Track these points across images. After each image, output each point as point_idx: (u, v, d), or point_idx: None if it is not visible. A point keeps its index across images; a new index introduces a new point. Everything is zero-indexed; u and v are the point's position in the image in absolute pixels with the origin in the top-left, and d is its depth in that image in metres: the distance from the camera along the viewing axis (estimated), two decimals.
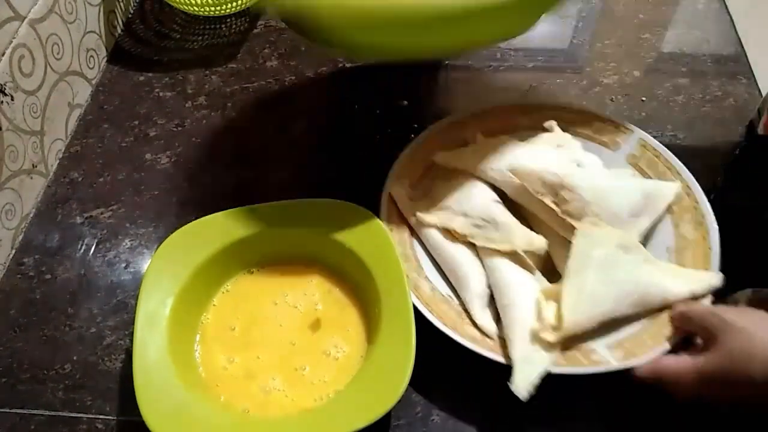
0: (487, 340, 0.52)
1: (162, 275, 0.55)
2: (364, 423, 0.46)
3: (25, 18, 0.65)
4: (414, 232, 0.60)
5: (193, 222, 0.58)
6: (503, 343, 0.52)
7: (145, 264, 0.63)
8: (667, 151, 0.62)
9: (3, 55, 0.62)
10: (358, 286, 0.56)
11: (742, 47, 0.79)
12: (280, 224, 0.58)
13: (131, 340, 0.52)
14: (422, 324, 0.52)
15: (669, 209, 0.58)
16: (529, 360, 0.49)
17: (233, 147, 0.72)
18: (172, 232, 0.58)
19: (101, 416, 0.54)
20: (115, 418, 0.54)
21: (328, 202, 0.58)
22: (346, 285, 0.57)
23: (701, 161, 0.63)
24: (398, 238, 0.58)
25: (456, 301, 0.56)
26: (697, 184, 0.59)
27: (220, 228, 0.58)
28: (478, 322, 0.53)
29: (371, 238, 0.56)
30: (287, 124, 0.73)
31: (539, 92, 0.76)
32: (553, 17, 0.86)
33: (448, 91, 0.77)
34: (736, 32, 0.81)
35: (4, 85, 0.62)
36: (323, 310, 0.56)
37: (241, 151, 0.72)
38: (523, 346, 0.50)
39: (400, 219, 0.60)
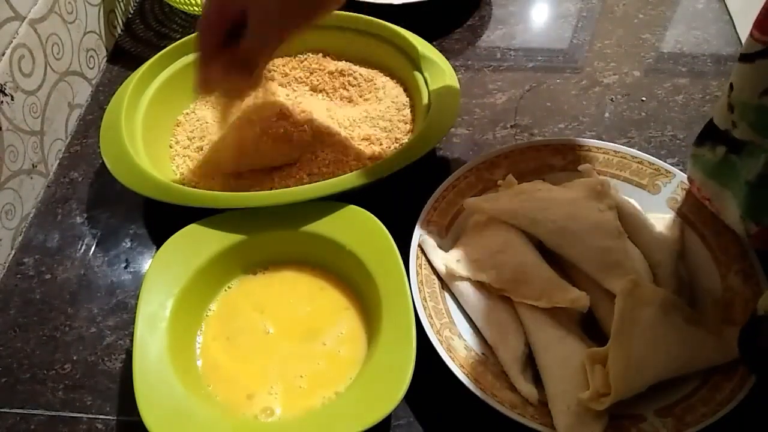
0: (528, 406, 0.49)
1: (162, 276, 0.55)
2: (365, 425, 0.46)
3: (25, 18, 0.65)
4: (445, 285, 0.56)
5: (194, 223, 0.58)
6: (545, 410, 0.49)
7: (145, 264, 0.63)
8: None
9: (3, 55, 0.62)
10: (359, 287, 0.56)
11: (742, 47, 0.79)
12: (280, 226, 0.58)
13: (131, 340, 0.52)
14: (453, 378, 0.50)
15: (714, 257, 0.56)
16: None
17: None
18: (172, 233, 0.58)
19: (101, 416, 0.54)
20: (115, 418, 0.54)
21: (329, 204, 0.58)
22: (347, 287, 0.57)
23: None
24: (429, 291, 0.55)
25: (492, 360, 0.52)
26: (744, 233, 0.55)
27: (221, 230, 0.58)
28: (517, 386, 0.50)
29: (372, 241, 0.56)
30: None
31: (539, 92, 0.76)
32: (553, 17, 0.86)
33: None
34: (736, 32, 0.81)
35: (4, 85, 0.62)
36: (324, 312, 0.56)
37: None
38: (569, 418, 0.47)
39: (430, 270, 0.57)
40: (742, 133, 0.51)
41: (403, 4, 0.81)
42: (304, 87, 0.73)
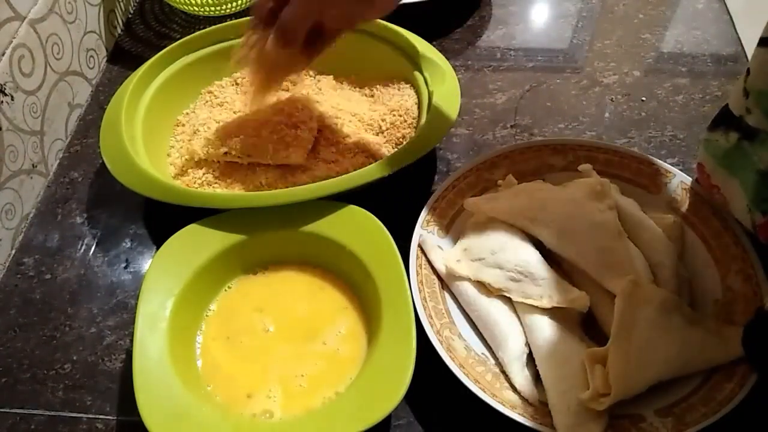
0: (528, 406, 0.49)
1: (162, 276, 0.55)
2: (365, 425, 0.46)
3: (25, 18, 0.65)
4: (445, 285, 0.56)
5: (194, 223, 0.58)
6: (545, 410, 0.49)
7: (145, 264, 0.63)
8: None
9: (3, 55, 0.62)
10: (359, 287, 0.56)
11: (742, 47, 0.79)
12: (280, 226, 0.58)
13: (131, 340, 0.52)
14: (453, 378, 0.50)
15: (714, 257, 0.56)
16: None
17: None
18: (172, 233, 0.58)
19: (101, 416, 0.54)
20: (115, 418, 0.54)
21: (329, 204, 0.58)
22: (347, 286, 0.57)
23: None
24: (429, 291, 0.55)
25: (492, 360, 0.52)
26: (744, 235, 0.55)
27: (221, 230, 0.58)
28: (517, 386, 0.50)
29: (372, 241, 0.56)
30: None
31: (539, 92, 0.76)
32: (553, 17, 0.86)
33: None
34: (736, 32, 0.81)
35: (4, 85, 0.62)
36: (324, 312, 0.56)
37: None
38: (569, 418, 0.47)
39: (430, 270, 0.57)
40: (756, 121, 0.50)
41: (403, 4, 0.81)
42: (327, 76, 0.74)
